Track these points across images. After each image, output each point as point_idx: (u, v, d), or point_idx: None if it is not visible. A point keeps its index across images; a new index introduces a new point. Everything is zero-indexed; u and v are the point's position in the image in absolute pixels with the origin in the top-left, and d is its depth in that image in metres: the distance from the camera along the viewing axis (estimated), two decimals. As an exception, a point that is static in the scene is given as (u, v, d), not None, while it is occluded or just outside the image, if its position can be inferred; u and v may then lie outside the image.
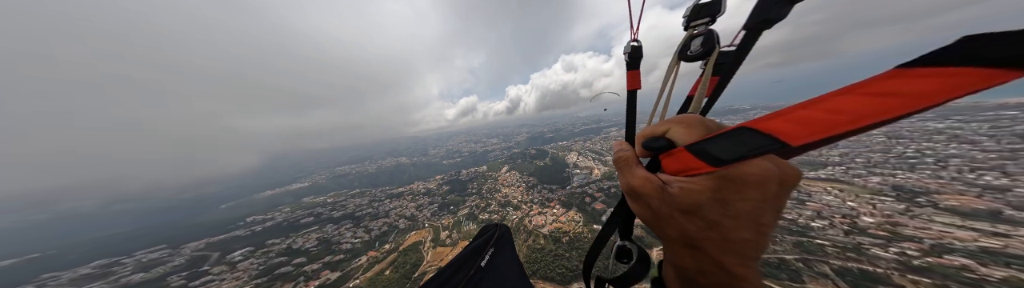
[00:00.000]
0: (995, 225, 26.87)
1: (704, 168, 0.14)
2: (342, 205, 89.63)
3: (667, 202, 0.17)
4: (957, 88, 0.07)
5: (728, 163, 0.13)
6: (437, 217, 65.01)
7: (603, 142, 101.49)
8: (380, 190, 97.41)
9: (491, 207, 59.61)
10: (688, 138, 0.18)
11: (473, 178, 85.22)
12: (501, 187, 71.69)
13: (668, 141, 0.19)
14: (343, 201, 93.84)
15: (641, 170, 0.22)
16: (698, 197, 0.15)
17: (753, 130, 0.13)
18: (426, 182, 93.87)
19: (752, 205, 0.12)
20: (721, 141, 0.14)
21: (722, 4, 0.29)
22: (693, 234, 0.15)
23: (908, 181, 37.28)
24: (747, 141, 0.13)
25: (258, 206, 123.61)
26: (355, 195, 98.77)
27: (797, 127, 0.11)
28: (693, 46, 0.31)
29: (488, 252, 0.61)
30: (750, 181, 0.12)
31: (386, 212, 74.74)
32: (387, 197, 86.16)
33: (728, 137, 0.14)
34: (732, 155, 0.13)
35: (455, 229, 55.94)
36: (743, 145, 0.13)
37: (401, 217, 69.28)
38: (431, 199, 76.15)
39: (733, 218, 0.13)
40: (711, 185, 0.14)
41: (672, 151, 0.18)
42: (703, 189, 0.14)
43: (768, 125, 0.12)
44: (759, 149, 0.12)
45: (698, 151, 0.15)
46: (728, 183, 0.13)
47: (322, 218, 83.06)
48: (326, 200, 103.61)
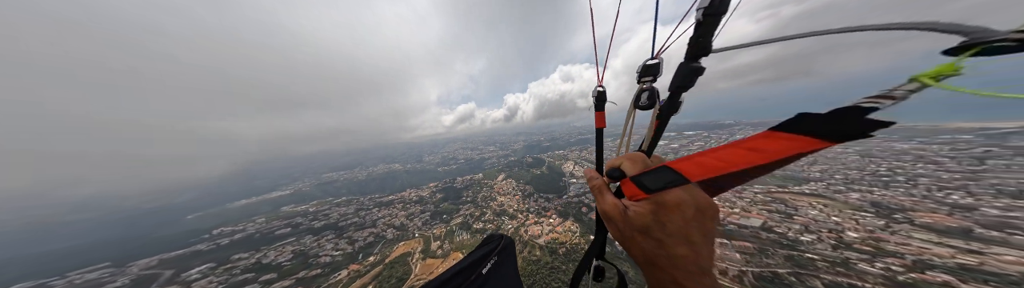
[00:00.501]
0: (969, 243, 28.44)
1: (641, 195, 0.23)
2: (325, 214, 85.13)
3: (628, 224, 0.24)
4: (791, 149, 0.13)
5: (654, 191, 0.21)
6: (428, 227, 62.72)
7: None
8: (368, 198, 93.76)
9: (486, 216, 58.31)
10: (632, 171, 0.27)
11: (468, 186, 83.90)
12: (497, 195, 70.77)
13: (621, 172, 0.29)
14: (327, 210, 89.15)
15: (611, 196, 0.30)
16: (645, 219, 0.21)
17: (670, 168, 0.22)
18: (419, 189, 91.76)
19: (678, 225, 0.18)
20: (652, 174, 0.23)
21: (660, 67, 0.39)
22: (648, 252, 0.20)
23: (884, 198, 39.48)
24: (666, 176, 0.21)
25: (230, 216, 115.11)
26: (341, 203, 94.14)
27: (695, 168, 0.20)
28: (643, 98, 0.42)
29: (491, 260, 0.61)
30: (670, 205, 0.19)
31: (373, 221, 71.64)
32: (375, 205, 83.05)
33: (656, 172, 0.23)
34: (656, 185, 0.22)
35: (447, 239, 53.88)
36: (663, 179, 0.21)
37: (390, 227, 66.47)
38: (423, 207, 73.92)
39: (670, 236, 0.18)
40: (650, 208, 0.21)
41: (624, 180, 0.28)
42: (645, 212, 0.22)
43: (679, 166, 0.21)
44: (672, 182, 0.20)
45: (637, 181, 0.25)
46: (660, 207, 0.20)
47: (301, 229, 78.05)
48: (308, 209, 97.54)
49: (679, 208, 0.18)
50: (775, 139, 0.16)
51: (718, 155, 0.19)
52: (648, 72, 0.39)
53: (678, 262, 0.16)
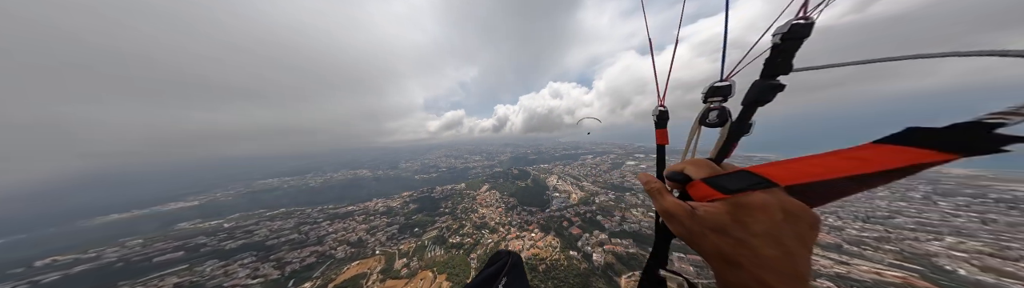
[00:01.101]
0: (840, 256, 38.09)
1: (717, 195, 0.24)
2: (247, 231, 71.32)
3: (697, 222, 0.24)
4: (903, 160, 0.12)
5: (734, 192, 0.22)
6: (395, 242, 57.52)
7: (581, 168, 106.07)
8: (319, 209, 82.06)
9: (465, 229, 55.71)
10: (698, 174, 0.30)
11: (448, 196, 79.44)
12: (479, 207, 68.18)
13: (685, 175, 0.31)
14: (251, 225, 74.89)
15: (671, 197, 0.32)
16: (720, 218, 0.21)
17: (751, 172, 0.23)
18: (389, 199, 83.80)
19: (766, 226, 0.17)
20: (729, 177, 0.25)
21: (732, 88, 0.41)
22: (726, 250, 0.19)
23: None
24: (747, 178, 0.22)
25: (77, 239, 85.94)
26: (277, 216, 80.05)
27: (785, 173, 0.20)
28: (710, 116, 0.44)
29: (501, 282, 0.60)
30: (755, 207, 0.19)
31: (319, 238, 62.73)
32: (327, 218, 73.18)
33: (734, 174, 0.24)
34: (736, 186, 0.22)
35: (417, 256, 49.97)
36: (744, 181, 0.22)
37: (342, 243, 59.09)
38: (391, 219, 67.82)
39: (755, 237, 0.17)
40: (726, 209, 0.21)
41: (693, 183, 0.29)
42: (721, 211, 0.22)
43: (763, 170, 0.22)
44: (756, 184, 0.20)
45: (712, 183, 0.26)
46: (740, 208, 0.20)
47: (201, 252, 64.06)
48: (222, 225, 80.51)
49: (765, 210, 0.18)
50: (881, 150, 0.15)
51: (813, 162, 0.19)
52: (717, 93, 0.42)
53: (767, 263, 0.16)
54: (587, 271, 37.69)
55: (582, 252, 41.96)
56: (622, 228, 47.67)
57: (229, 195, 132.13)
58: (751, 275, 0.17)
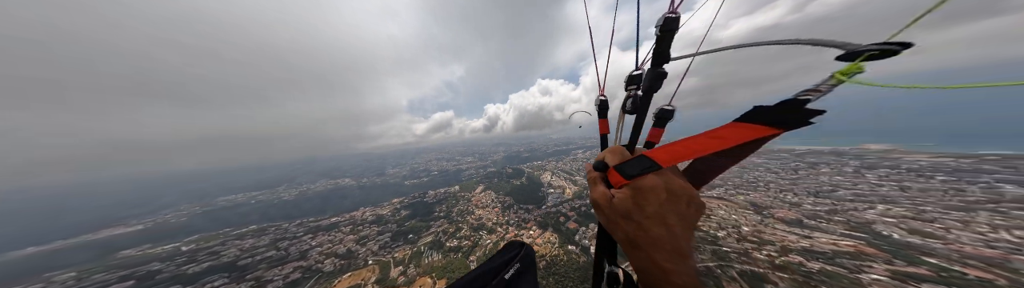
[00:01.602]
0: (803, 230, 43.45)
1: (623, 181, 0.28)
2: (212, 252, 64.30)
3: (613, 210, 0.28)
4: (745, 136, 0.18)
5: (633, 177, 0.26)
6: (388, 250, 54.95)
7: (573, 163, 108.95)
8: (297, 223, 75.68)
9: (462, 232, 54.79)
10: (612, 161, 0.34)
11: (442, 199, 77.20)
12: (475, 208, 66.98)
13: (604, 163, 0.36)
14: (217, 246, 67.61)
15: (601, 186, 0.36)
16: (626, 204, 0.25)
17: (646, 157, 0.26)
18: (377, 207, 79.67)
19: (655, 207, 0.21)
20: (630, 162, 0.28)
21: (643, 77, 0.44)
22: (631, 234, 0.24)
23: (756, 199, 56.04)
24: (643, 163, 0.26)
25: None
26: (247, 235, 73.05)
27: (666, 155, 0.25)
28: (627, 104, 0.48)
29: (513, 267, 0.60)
30: (646, 189, 0.23)
31: (302, 253, 58.13)
32: (307, 232, 67.57)
33: (634, 160, 0.28)
34: (633, 171, 0.26)
35: (413, 263, 48.33)
36: (640, 165, 0.26)
37: (329, 256, 55.29)
38: (382, 228, 64.71)
39: (648, 218, 0.21)
40: (630, 193, 0.25)
41: (609, 170, 0.34)
42: (626, 197, 0.25)
43: (654, 154, 0.26)
44: (648, 168, 0.24)
45: (619, 170, 0.30)
46: (637, 191, 0.24)
47: (157, 279, 56.97)
48: (179, 248, 71.46)
49: (653, 191, 0.22)
50: (735, 128, 0.21)
51: (686, 143, 0.24)
52: (632, 82, 0.46)
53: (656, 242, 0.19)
54: (586, 264, 38.89)
55: (580, 246, 43.09)
56: (616, 219, 49.51)
57: (182, 215, 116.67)
58: (646, 254, 0.21)
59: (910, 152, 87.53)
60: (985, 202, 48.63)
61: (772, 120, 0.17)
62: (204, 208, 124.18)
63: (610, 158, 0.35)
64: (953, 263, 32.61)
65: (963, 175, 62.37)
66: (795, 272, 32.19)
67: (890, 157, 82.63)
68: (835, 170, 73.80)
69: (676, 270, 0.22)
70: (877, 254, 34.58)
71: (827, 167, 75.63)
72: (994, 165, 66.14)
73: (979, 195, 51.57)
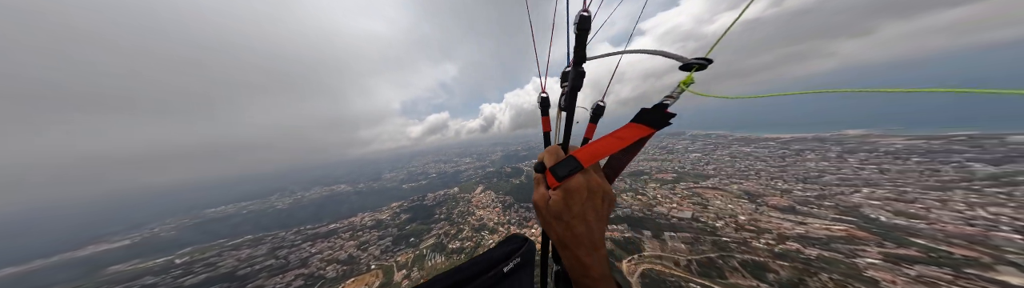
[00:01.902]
0: (797, 216, 44.83)
1: (555, 183, 0.29)
2: (209, 264, 62.48)
3: (548, 211, 0.29)
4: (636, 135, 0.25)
5: (564, 178, 0.27)
6: (389, 254, 53.97)
7: None
8: (294, 231, 74.02)
9: (463, 233, 54.35)
10: (549, 162, 0.34)
11: (441, 202, 76.26)
12: (475, 209, 66.40)
13: (542, 164, 0.37)
14: (212, 257, 65.66)
15: (541, 188, 0.36)
16: (558, 205, 0.26)
17: (573, 157, 0.28)
18: (376, 212, 78.37)
19: (579, 207, 0.22)
20: (561, 164, 0.29)
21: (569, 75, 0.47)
22: (561, 235, 0.25)
23: (749, 187, 57.42)
24: (570, 163, 0.27)
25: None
26: (242, 245, 71.01)
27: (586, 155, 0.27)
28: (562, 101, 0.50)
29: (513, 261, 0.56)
30: (572, 189, 0.24)
31: (302, 260, 56.75)
32: (305, 240, 65.75)
33: (565, 161, 0.29)
34: (563, 173, 0.28)
35: (416, 266, 47.71)
36: (568, 166, 0.27)
37: (331, 262, 53.98)
38: (382, 233, 63.46)
39: (574, 218, 0.22)
40: (562, 194, 0.26)
41: (546, 172, 0.34)
42: (558, 198, 0.27)
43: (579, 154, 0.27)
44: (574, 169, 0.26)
45: (552, 171, 0.31)
46: (567, 192, 0.25)
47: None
48: (172, 261, 69.04)
49: (578, 191, 0.23)
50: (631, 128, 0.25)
51: (601, 143, 0.27)
52: (564, 79, 0.48)
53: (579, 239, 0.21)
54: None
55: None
56: (616, 214, 49.92)
57: (170, 229, 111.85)
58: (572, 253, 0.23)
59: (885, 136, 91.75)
60: (959, 181, 51.43)
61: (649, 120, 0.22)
62: (194, 220, 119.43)
63: (548, 159, 0.35)
64: (939, 243, 34.29)
65: (936, 156, 65.76)
66: (795, 260, 33.09)
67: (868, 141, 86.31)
68: (820, 156, 76.48)
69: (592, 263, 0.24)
70: (868, 237, 35.97)
71: (812, 153, 78.18)
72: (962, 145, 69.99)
73: (953, 174, 54.49)
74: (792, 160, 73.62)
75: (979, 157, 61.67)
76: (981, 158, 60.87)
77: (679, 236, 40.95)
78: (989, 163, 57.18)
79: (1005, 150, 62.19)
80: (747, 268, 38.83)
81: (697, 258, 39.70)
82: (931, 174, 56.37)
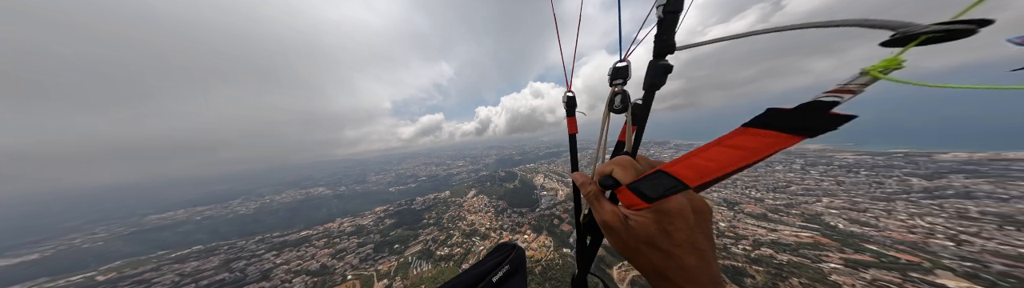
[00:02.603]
0: (769, 224, 48.25)
1: (642, 204, 0.22)
2: (141, 281, 54.65)
3: (632, 235, 0.22)
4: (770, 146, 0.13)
5: (655, 200, 0.20)
6: (370, 263, 50.80)
7: (565, 165, 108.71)
8: (258, 239, 67.29)
9: (453, 239, 52.38)
10: (625, 178, 0.26)
11: (431, 206, 73.49)
12: (467, 214, 64.54)
13: (615, 180, 0.27)
14: (147, 273, 56.84)
15: (609, 204, 0.29)
16: (649, 229, 0.20)
17: (666, 173, 0.21)
18: (358, 217, 73.49)
19: (685, 234, 0.17)
20: (649, 181, 0.22)
21: (628, 70, 0.39)
22: (658, 264, 0.19)
23: (728, 195, 61.16)
24: (664, 182, 0.20)
25: None
26: (188, 256, 62.78)
27: (690, 171, 0.19)
28: (616, 101, 0.41)
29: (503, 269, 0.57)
30: (674, 213, 0.18)
31: (263, 273, 51.78)
32: (271, 248, 60.16)
33: (652, 179, 0.22)
34: (656, 193, 0.20)
35: (399, 275, 45.20)
36: (662, 186, 0.20)
37: (299, 274, 49.71)
38: (363, 239, 59.82)
39: (678, 246, 0.17)
40: (653, 217, 0.20)
41: (620, 188, 0.26)
42: (648, 221, 0.21)
43: (674, 169, 0.20)
44: (672, 189, 0.19)
45: (635, 190, 0.23)
46: (663, 216, 0.19)
47: None
48: (94, 278, 58.70)
49: (682, 215, 0.18)
50: (752, 136, 0.17)
51: (708, 155, 0.19)
52: (618, 75, 0.40)
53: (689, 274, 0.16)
54: (584, 267, 39.16)
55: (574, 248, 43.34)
56: (606, 220, 50.76)
57: (97, 239, 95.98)
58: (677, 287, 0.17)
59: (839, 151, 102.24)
60: (900, 193, 58.12)
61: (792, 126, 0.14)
62: (130, 229, 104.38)
63: (621, 173, 0.27)
64: (888, 249, 38.18)
65: (880, 170, 74.15)
66: (769, 265, 35.28)
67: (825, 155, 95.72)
68: (787, 167, 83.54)
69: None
70: (830, 243, 39.32)
71: (780, 165, 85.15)
72: (900, 161, 79.67)
73: (895, 187, 61.56)
74: (764, 170, 79.76)
75: (914, 172, 70.27)
76: (916, 173, 69.38)
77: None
78: (923, 178, 65.29)
79: (935, 167, 71.41)
80: (727, 273, 40.76)
81: None
82: (877, 186, 63.28)
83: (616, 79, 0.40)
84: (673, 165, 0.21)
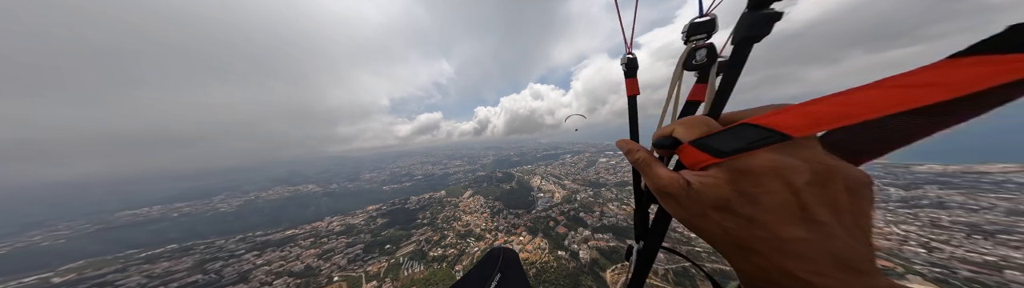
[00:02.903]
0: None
1: (709, 160, 0.16)
2: (103, 283, 51.52)
3: (694, 199, 0.17)
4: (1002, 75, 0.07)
5: (729, 154, 0.15)
6: (359, 264, 49.12)
7: (561, 167, 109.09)
8: (238, 239, 63.93)
9: (447, 240, 51.36)
10: (689, 135, 0.20)
11: (425, 205, 71.89)
12: (462, 214, 63.45)
13: (674, 139, 0.22)
14: (111, 274, 53.12)
15: (663, 169, 0.23)
16: (719, 191, 0.15)
17: (752, 125, 0.15)
18: (348, 216, 71.02)
19: (781, 198, 0.12)
20: (722, 136, 0.17)
21: (715, 23, 0.34)
22: (735, 232, 0.15)
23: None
24: (746, 135, 0.14)
25: None
26: (159, 256, 59.21)
27: (799, 119, 0.12)
28: (697, 57, 0.36)
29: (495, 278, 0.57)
30: (761, 172, 0.13)
31: (241, 275, 49.39)
32: (252, 248, 57.56)
33: (728, 132, 0.16)
34: (731, 146, 0.15)
35: (390, 275, 43.87)
36: (742, 138, 0.14)
37: (280, 276, 47.58)
38: (352, 239, 58.01)
39: (769, 212, 0.12)
40: (725, 177, 0.15)
41: (680, 147, 0.21)
42: (718, 181, 0.15)
43: (769, 120, 0.14)
44: (759, 141, 0.13)
45: (700, 145, 0.18)
46: (742, 175, 0.14)
47: None
48: (49, 280, 55.08)
49: (777, 174, 0.12)
50: (962, 67, 0.09)
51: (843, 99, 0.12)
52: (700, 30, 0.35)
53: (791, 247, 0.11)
54: (576, 270, 39.13)
55: (569, 251, 43.39)
56: (602, 223, 51.25)
57: (59, 236, 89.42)
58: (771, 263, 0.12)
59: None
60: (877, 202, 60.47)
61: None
62: (97, 226, 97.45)
63: (683, 132, 0.21)
64: (868, 253, 39.82)
65: (860, 180, 77.66)
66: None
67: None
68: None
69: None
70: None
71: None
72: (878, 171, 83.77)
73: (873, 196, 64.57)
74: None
75: (893, 182, 73.94)
76: (894, 183, 73.01)
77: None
78: (900, 188, 68.73)
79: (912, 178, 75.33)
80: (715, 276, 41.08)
81: (673, 268, 41.55)
82: (857, 195, 66.13)
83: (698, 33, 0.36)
84: (771, 116, 0.14)
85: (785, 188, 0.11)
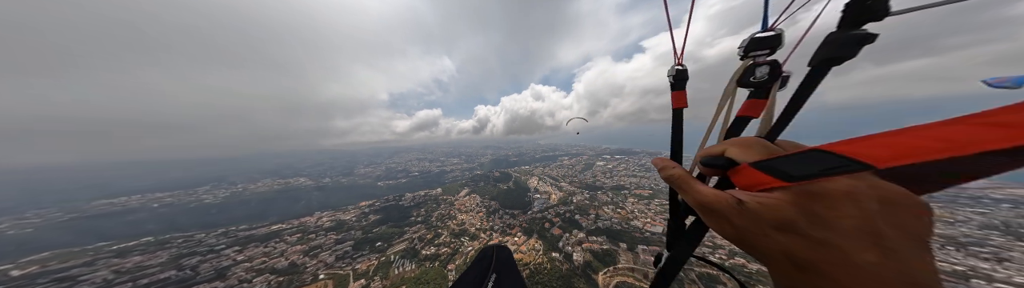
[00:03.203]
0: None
1: (774, 182, 0.16)
2: (66, 278, 48.25)
3: (751, 218, 0.17)
4: None
5: (800, 179, 0.15)
6: (347, 261, 47.91)
7: (559, 169, 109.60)
8: (220, 232, 61.37)
9: (441, 238, 50.74)
10: (746, 157, 0.21)
11: (421, 203, 70.96)
12: (457, 213, 62.82)
13: (728, 160, 0.22)
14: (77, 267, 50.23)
15: (704, 187, 0.23)
16: (782, 212, 0.15)
17: (826, 152, 0.15)
18: (339, 211, 69.32)
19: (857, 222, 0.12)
20: (790, 160, 0.17)
21: (781, 39, 0.34)
22: (800, 254, 0.14)
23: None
24: (822, 160, 0.14)
25: None
26: (131, 249, 55.94)
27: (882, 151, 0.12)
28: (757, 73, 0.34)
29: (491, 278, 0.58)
30: (837, 197, 0.13)
31: (219, 271, 47.47)
32: (233, 243, 55.40)
33: (797, 157, 0.17)
34: (805, 171, 0.15)
35: (380, 274, 42.98)
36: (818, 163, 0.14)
37: (261, 273, 45.95)
38: (342, 235, 56.53)
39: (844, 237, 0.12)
40: (791, 199, 0.15)
41: (736, 168, 0.21)
42: (780, 203, 0.15)
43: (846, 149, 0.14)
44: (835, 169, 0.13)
45: (767, 168, 0.18)
46: (815, 198, 0.14)
47: None
48: (7, 273, 50.48)
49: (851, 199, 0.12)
50: None
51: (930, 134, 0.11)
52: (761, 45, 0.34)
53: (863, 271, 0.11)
54: (569, 272, 39.68)
55: (563, 253, 43.96)
56: (597, 226, 52.15)
57: (27, 225, 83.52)
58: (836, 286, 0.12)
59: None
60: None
61: None
62: (69, 214, 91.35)
63: (741, 153, 0.22)
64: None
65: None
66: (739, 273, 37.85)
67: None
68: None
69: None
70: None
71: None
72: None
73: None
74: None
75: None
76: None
77: (650, 249, 44.18)
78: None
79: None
80: (702, 280, 42.78)
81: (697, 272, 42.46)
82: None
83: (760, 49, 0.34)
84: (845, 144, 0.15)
85: (860, 213, 0.12)
